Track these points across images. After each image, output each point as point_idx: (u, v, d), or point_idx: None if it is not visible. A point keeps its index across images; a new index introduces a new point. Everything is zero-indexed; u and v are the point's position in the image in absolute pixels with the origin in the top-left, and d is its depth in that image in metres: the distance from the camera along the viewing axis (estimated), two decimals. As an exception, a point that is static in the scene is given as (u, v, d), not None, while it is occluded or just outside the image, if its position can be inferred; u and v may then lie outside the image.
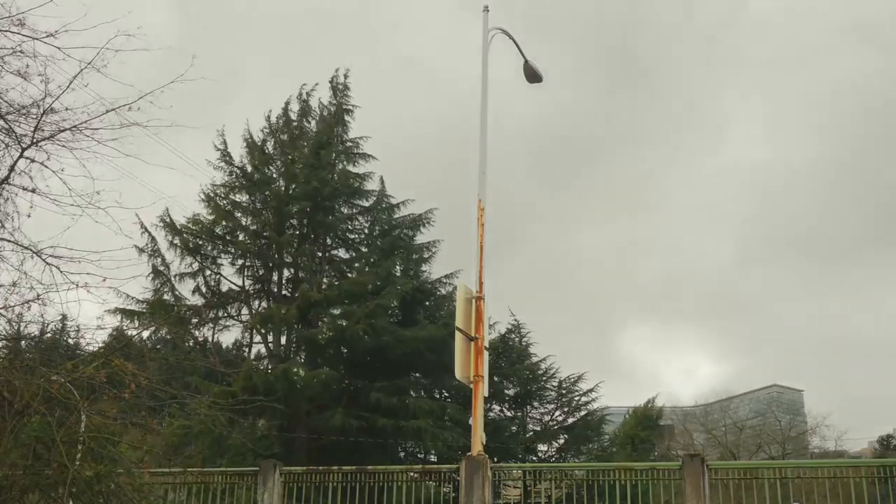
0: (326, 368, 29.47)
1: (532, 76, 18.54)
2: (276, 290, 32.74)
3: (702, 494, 13.41)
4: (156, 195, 21.18)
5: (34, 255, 12.09)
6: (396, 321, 30.97)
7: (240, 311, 32.92)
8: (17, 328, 12.55)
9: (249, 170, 33.53)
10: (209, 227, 32.55)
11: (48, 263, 12.01)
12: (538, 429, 36.65)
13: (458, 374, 14.72)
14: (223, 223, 32.79)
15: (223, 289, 32.80)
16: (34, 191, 12.14)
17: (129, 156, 12.41)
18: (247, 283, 32.75)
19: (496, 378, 33.39)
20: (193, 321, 31.98)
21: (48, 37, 11.57)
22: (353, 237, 34.19)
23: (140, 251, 31.32)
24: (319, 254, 33.31)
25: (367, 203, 33.67)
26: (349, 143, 33.92)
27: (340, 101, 34.21)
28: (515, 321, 37.21)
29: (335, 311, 31.31)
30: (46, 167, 12.19)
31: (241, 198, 33.48)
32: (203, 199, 32.72)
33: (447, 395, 31.91)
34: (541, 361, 37.19)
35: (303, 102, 34.80)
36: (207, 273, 32.61)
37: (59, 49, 11.70)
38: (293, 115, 34.61)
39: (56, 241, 11.98)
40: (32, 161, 12.21)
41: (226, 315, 32.88)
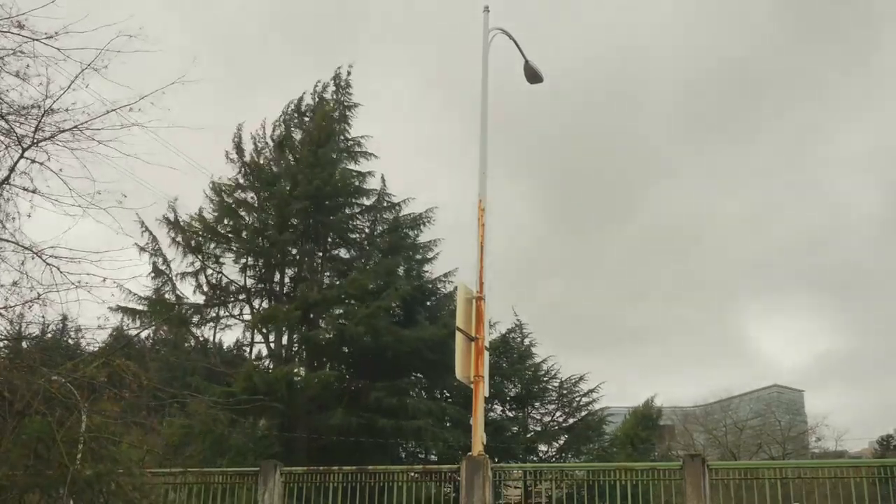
0: (327, 369, 29.45)
1: (532, 76, 18.50)
2: (278, 290, 32.74)
3: (702, 494, 13.41)
4: (156, 195, 21.16)
5: (35, 256, 12.10)
6: (397, 321, 30.94)
7: (241, 311, 32.94)
8: (18, 328, 12.56)
9: (254, 167, 33.53)
10: (212, 225, 32.54)
11: (48, 264, 12.02)
12: (539, 429, 36.60)
13: (459, 374, 14.74)
14: (226, 220, 32.78)
15: (224, 287, 32.78)
16: (35, 191, 12.17)
17: (130, 156, 12.43)
18: (248, 283, 32.76)
19: (497, 378, 33.36)
20: (194, 319, 32.01)
21: (48, 38, 11.59)
22: (355, 236, 34.15)
23: (141, 250, 31.33)
24: (320, 253, 33.30)
25: (369, 202, 33.66)
26: (350, 142, 33.90)
27: (342, 99, 34.19)
28: (517, 321, 37.20)
29: (336, 311, 31.30)
30: (47, 167, 12.22)
31: (246, 195, 33.48)
32: (209, 195, 32.74)
33: (448, 396, 31.85)
34: (542, 362, 37.21)
35: (308, 100, 34.75)
36: (209, 272, 32.61)
37: (60, 50, 11.73)
38: (296, 114, 34.56)
39: (56, 242, 12.00)
40: (33, 161, 12.25)
41: (227, 314, 32.90)
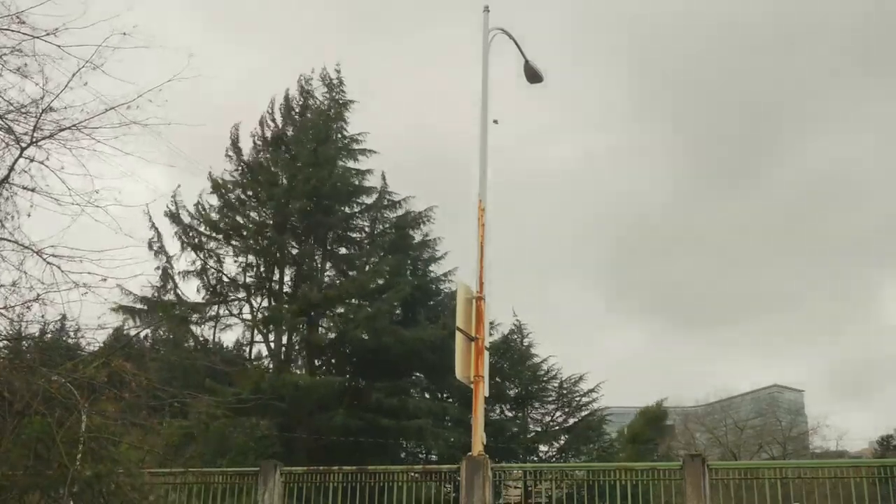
0: (327, 369, 29.44)
1: (533, 76, 18.47)
2: (278, 289, 32.71)
3: (702, 494, 13.39)
4: (155, 192, 21.08)
5: (34, 255, 12.06)
6: (397, 321, 30.92)
7: (241, 310, 32.92)
8: (18, 328, 12.51)
9: (253, 165, 33.52)
10: (214, 222, 32.51)
11: (49, 263, 11.98)
12: (539, 429, 36.59)
13: (459, 374, 14.72)
14: (227, 218, 32.74)
15: (225, 285, 32.77)
16: (34, 190, 12.12)
17: (130, 154, 12.39)
18: (248, 281, 32.73)
19: (498, 379, 33.31)
20: (194, 317, 31.98)
21: (48, 35, 11.55)
22: (355, 235, 34.13)
23: (148, 247, 31.37)
24: (320, 251, 33.26)
25: (369, 200, 33.62)
26: (348, 140, 33.83)
27: (336, 97, 34.13)
28: (518, 321, 37.16)
29: (337, 311, 31.26)
30: (46, 166, 12.19)
31: (246, 194, 33.46)
32: (211, 190, 32.72)
33: (448, 396, 31.84)
34: (542, 362, 37.17)
35: (301, 96, 34.67)
36: (210, 271, 32.59)
37: (60, 47, 11.68)
38: (292, 112, 34.53)
39: (56, 241, 11.97)
40: (32, 160, 12.19)
41: (227, 313, 32.87)
